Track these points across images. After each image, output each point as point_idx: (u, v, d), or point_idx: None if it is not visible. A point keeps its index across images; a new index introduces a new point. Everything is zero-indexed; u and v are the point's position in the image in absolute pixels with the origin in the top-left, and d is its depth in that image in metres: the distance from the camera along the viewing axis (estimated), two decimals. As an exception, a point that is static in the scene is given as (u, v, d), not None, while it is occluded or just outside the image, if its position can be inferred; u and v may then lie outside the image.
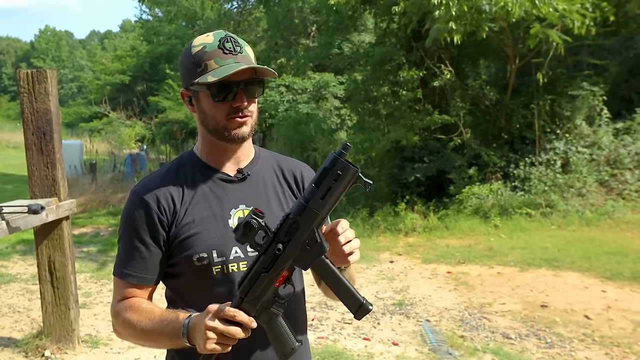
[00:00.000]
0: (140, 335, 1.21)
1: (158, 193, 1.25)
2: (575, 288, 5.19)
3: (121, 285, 1.26)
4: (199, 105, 1.24)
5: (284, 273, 1.10)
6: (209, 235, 1.22)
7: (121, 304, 1.25)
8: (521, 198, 8.17)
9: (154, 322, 1.18)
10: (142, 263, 1.24)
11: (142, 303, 1.24)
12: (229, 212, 1.26)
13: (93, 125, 25.98)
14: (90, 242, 7.57)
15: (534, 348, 3.89)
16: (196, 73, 1.19)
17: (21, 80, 3.66)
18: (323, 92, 13.66)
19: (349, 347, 3.91)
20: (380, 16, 9.98)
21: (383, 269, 6.12)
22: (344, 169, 1.01)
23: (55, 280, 3.74)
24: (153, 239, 1.23)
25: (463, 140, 8.96)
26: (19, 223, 3.19)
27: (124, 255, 1.26)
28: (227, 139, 1.23)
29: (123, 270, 1.25)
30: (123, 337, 1.29)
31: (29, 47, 60.65)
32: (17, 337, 4.02)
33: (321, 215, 1.05)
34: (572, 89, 9.02)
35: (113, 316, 1.27)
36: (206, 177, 1.28)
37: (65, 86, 49.78)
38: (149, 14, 25.22)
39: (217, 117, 1.21)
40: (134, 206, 1.26)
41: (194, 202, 1.25)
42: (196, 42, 1.22)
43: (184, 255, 1.22)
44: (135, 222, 1.24)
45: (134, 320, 1.21)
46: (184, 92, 1.26)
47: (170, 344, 1.18)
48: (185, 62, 1.23)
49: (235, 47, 1.20)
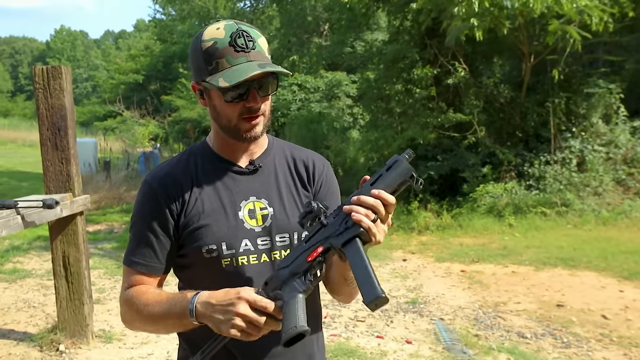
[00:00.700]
0: (149, 320, 1.18)
1: (168, 182, 1.23)
2: (592, 288, 5.11)
3: (130, 273, 1.24)
4: (211, 102, 1.21)
5: (318, 248, 1.10)
6: (218, 227, 1.20)
7: (129, 291, 1.23)
8: (536, 197, 8.08)
9: (162, 305, 1.15)
10: (151, 251, 1.22)
11: (149, 289, 1.22)
12: (239, 204, 1.23)
13: (107, 124, 26.17)
14: (105, 239, 7.62)
15: (550, 348, 3.83)
16: (207, 71, 1.15)
17: (36, 77, 3.68)
18: (335, 90, 13.64)
19: (362, 344, 3.88)
20: (394, 14, 9.93)
21: (396, 267, 6.08)
22: (397, 162, 1.07)
23: (69, 275, 3.76)
24: (162, 227, 1.21)
25: (477, 139, 8.88)
26: (33, 217, 3.21)
27: (134, 243, 1.24)
28: (239, 138, 1.21)
29: (132, 258, 1.24)
30: (131, 324, 1.26)
31: (44, 47, 61.43)
32: (32, 331, 4.04)
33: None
34: (588, 87, 8.90)
35: (122, 304, 1.25)
36: (217, 168, 1.26)
37: (80, 85, 50.33)
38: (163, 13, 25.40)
39: (229, 116, 1.18)
40: (144, 195, 1.24)
41: (204, 193, 1.23)
42: (206, 35, 1.16)
43: (194, 246, 1.21)
44: (145, 210, 1.23)
45: (142, 305, 1.18)
46: (195, 85, 1.22)
47: (179, 325, 1.14)
48: (196, 57, 1.18)
49: (247, 42, 1.14)
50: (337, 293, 1.29)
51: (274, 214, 1.24)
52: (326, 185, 1.34)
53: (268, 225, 1.23)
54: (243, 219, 1.22)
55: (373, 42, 12.48)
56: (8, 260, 6.22)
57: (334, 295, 1.32)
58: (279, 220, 1.24)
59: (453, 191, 8.86)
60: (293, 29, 14.14)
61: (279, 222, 1.24)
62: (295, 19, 13.91)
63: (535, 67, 8.86)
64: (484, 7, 6.68)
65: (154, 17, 27.89)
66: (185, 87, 21.25)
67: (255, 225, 1.23)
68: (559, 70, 7.90)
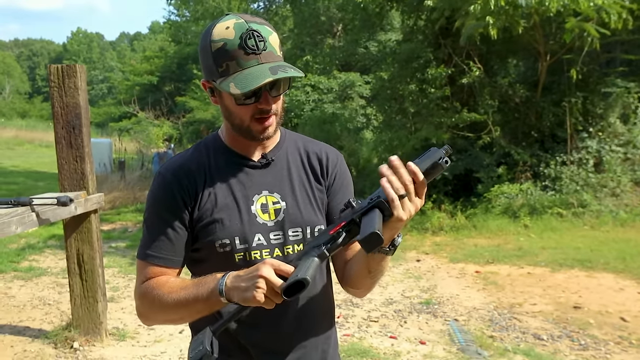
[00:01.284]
0: (172, 308, 1.15)
1: (182, 174, 1.21)
2: (610, 289, 5.02)
3: (146, 267, 1.21)
4: (222, 101, 1.19)
5: (342, 223, 1.10)
6: (231, 222, 1.19)
7: (147, 283, 1.20)
8: (552, 197, 7.97)
9: (188, 289, 1.12)
10: (168, 244, 1.20)
11: (170, 278, 1.20)
12: (251, 199, 1.22)
13: (122, 124, 26.43)
14: (119, 238, 7.67)
15: (567, 350, 3.76)
16: (217, 72, 1.13)
17: (52, 75, 3.71)
18: (349, 91, 13.59)
19: (375, 345, 3.85)
20: (408, 13, 9.87)
21: (409, 268, 6.03)
22: (431, 151, 1.09)
23: (83, 273, 3.78)
24: (178, 219, 1.20)
25: (492, 139, 8.79)
26: (48, 215, 3.23)
27: (149, 237, 1.22)
28: (252, 138, 1.20)
29: (148, 252, 1.21)
30: (149, 317, 1.23)
31: (61, 49, 62.22)
32: (47, 328, 4.08)
33: None
34: (605, 86, 8.76)
35: (138, 298, 1.22)
36: (230, 162, 1.24)
37: (95, 87, 50.86)
38: (177, 14, 25.59)
39: (241, 117, 1.17)
40: (159, 187, 1.23)
41: (217, 187, 1.21)
42: (216, 35, 1.12)
43: (207, 240, 1.19)
44: (160, 203, 1.21)
45: (165, 293, 1.15)
46: (205, 83, 1.20)
47: (205, 307, 1.11)
48: (205, 57, 1.15)
49: (258, 43, 1.10)
50: (356, 286, 1.28)
51: (286, 208, 1.23)
52: (340, 178, 1.32)
53: (281, 220, 1.22)
54: (256, 214, 1.21)
55: (386, 42, 12.43)
56: (24, 258, 6.29)
57: (351, 289, 1.30)
58: (291, 215, 1.23)
59: (467, 192, 8.78)
60: (306, 29, 14.13)
61: (291, 217, 1.23)
62: (309, 19, 13.90)
63: (551, 66, 8.74)
64: (500, 5, 6.61)
65: (169, 18, 28.17)
66: (199, 88, 21.38)
67: (267, 220, 1.21)
68: (576, 69, 7.78)
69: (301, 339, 1.25)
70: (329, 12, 14.14)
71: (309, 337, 1.26)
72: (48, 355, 3.61)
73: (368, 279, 1.22)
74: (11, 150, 22.70)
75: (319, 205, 1.27)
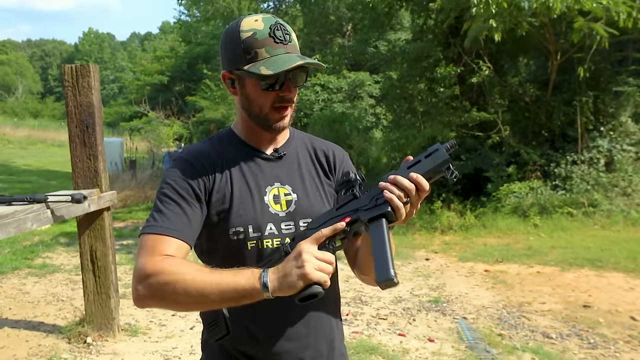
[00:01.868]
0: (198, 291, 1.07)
1: (201, 158, 1.24)
2: (620, 289, 5.00)
3: (161, 241, 1.14)
4: (243, 90, 1.23)
5: (346, 218, 1.14)
6: (245, 210, 1.22)
7: (165, 259, 1.11)
8: (562, 197, 7.94)
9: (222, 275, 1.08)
10: (185, 220, 1.17)
11: (190, 262, 1.13)
12: (264, 189, 1.26)
13: (133, 124, 26.60)
14: (130, 236, 7.75)
15: (576, 348, 3.76)
16: (245, 60, 1.18)
17: (66, 75, 3.77)
18: (358, 91, 13.62)
19: (383, 342, 3.87)
20: (417, 12, 9.87)
21: (419, 267, 6.05)
22: (437, 151, 1.10)
23: (96, 269, 3.84)
24: (196, 198, 1.20)
25: (502, 138, 8.77)
26: (62, 212, 3.29)
27: (166, 212, 1.17)
28: (267, 127, 1.25)
29: (165, 225, 1.15)
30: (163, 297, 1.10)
31: (73, 49, 62.74)
32: (60, 324, 4.14)
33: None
34: (616, 85, 8.72)
35: (152, 274, 1.09)
36: (244, 153, 1.29)
37: (107, 87, 51.23)
38: (188, 14, 25.72)
39: (262, 104, 1.22)
40: (179, 167, 1.22)
41: (232, 175, 1.24)
42: (245, 26, 1.20)
43: (220, 227, 1.21)
44: (178, 180, 1.21)
45: (190, 274, 1.07)
46: (226, 74, 1.25)
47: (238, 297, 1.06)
48: (232, 46, 1.21)
49: (285, 35, 1.19)
50: (366, 272, 1.31)
51: (297, 200, 1.27)
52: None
53: (292, 211, 1.26)
54: (268, 204, 1.24)
55: (396, 41, 12.43)
56: (38, 255, 6.39)
57: (361, 275, 1.34)
58: (302, 206, 1.27)
59: (477, 191, 8.77)
60: (316, 28, 14.18)
61: (302, 208, 1.27)
62: (318, 19, 13.94)
63: (562, 65, 8.71)
64: (502, 7, 6.60)
65: (179, 18, 28.29)
66: (209, 87, 21.50)
67: (279, 210, 1.25)
68: (584, 68, 7.74)
69: (310, 326, 1.27)
70: (339, 12, 14.17)
71: (317, 325, 1.29)
72: (62, 349, 3.68)
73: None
74: (24, 150, 22.97)
75: (328, 199, 1.32)
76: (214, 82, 21.40)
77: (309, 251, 1.06)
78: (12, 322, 4.21)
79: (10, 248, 6.55)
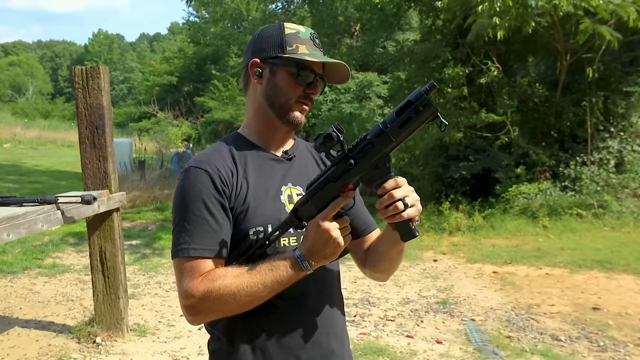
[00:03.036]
0: (246, 291, 1.14)
1: (217, 164, 1.23)
2: (630, 291, 4.97)
3: (196, 264, 1.17)
4: (273, 78, 1.26)
5: (349, 185, 1.15)
6: (264, 209, 1.24)
7: (206, 277, 1.16)
8: (571, 198, 7.89)
9: (261, 273, 1.15)
10: (214, 237, 1.18)
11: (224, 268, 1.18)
12: (280, 189, 1.28)
13: (142, 124, 26.76)
14: (139, 236, 7.80)
15: (585, 351, 3.74)
16: (286, 50, 1.24)
17: (76, 77, 3.81)
18: (366, 91, 13.59)
19: (391, 343, 3.87)
20: (425, 13, 9.84)
21: (426, 268, 6.03)
22: (426, 105, 1.06)
23: (106, 269, 3.87)
24: (222, 208, 1.20)
25: (510, 139, 8.72)
26: (72, 213, 3.32)
27: (193, 231, 1.18)
28: (286, 119, 1.27)
29: (196, 247, 1.17)
30: (217, 309, 1.17)
31: (83, 50, 63.16)
32: (70, 324, 4.18)
33: (395, 141, 1.10)
34: (627, 86, 8.64)
35: (201, 296, 1.15)
36: (255, 155, 1.30)
37: (116, 87, 51.52)
38: (196, 15, 25.82)
39: (289, 94, 1.25)
40: (195, 179, 1.20)
41: (248, 176, 1.25)
42: (288, 26, 1.28)
43: (241, 228, 1.22)
44: (200, 194, 1.19)
45: (233, 280, 1.14)
46: (257, 61, 1.27)
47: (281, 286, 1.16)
48: (272, 38, 1.26)
49: (320, 44, 1.29)
50: (379, 271, 1.35)
51: None
52: None
53: None
54: (284, 203, 1.27)
55: (404, 42, 12.40)
56: (48, 255, 6.44)
57: (374, 273, 1.37)
58: None
59: (485, 192, 8.73)
60: (324, 29, 14.16)
61: None
62: (327, 20, 13.94)
63: (572, 65, 8.64)
64: (507, 5, 6.56)
65: (188, 19, 28.43)
66: (218, 88, 21.56)
67: None
68: (593, 68, 7.68)
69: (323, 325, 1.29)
70: (347, 12, 14.16)
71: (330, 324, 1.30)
72: (72, 349, 3.71)
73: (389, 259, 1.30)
74: (34, 150, 23.15)
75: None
76: (222, 83, 21.46)
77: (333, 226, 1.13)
78: (22, 321, 4.25)
79: (20, 248, 6.62)
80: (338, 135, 1.11)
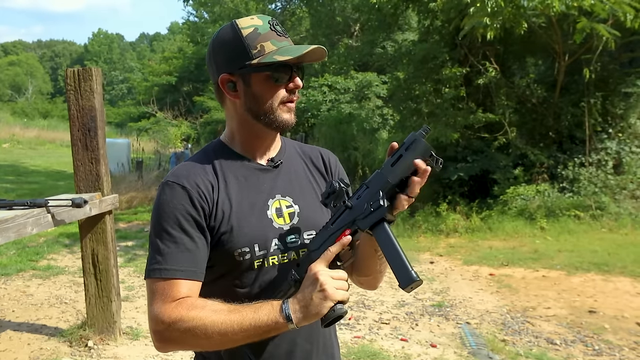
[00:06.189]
0: (219, 332, 1.05)
1: (196, 180, 1.15)
2: (627, 294, 4.94)
3: (171, 285, 1.10)
4: (249, 89, 1.16)
5: (345, 231, 1.12)
6: (249, 228, 1.16)
7: (181, 304, 1.08)
8: (569, 200, 7.87)
9: (241, 313, 1.06)
10: (189, 256, 1.11)
11: (205, 300, 1.10)
12: (266, 203, 1.20)
13: (141, 124, 26.73)
14: (135, 237, 7.77)
15: (580, 355, 3.72)
16: (251, 55, 1.13)
17: (68, 79, 3.78)
18: (365, 91, 13.58)
19: (385, 347, 3.85)
20: (424, 13, 9.82)
21: (423, 270, 6.01)
22: (416, 142, 1.09)
23: (98, 272, 3.85)
24: (198, 227, 1.13)
25: (508, 140, 8.70)
26: (63, 216, 3.29)
27: (167, 250, 1.11)
28: (275, 126, 1.18)
29: (170, 267, 1.10)
30: (184, 342, 1.09)
31: (83, 50, 63.18)
32: (63, 327, 4.15)
33: (388, 179, 1.10)
34: (625, 86, 8.61)
35: (171, 322, 1.07)
36: (239, 166, 1.22)
37: (115, 87, 51.54)
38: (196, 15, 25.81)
39: (271, 99, 1.16)
40: (172, 195, 1.14)
41: (230, 192, 1.17)
42: (243, 24, 1.15)
43: (224, 249, 1.14)
44: (175, 212, 1.12)
45: (209, 316, 1.06)
46: (226, 77, 1.17)
47: (260, 333, 1.06)
48: (232, 46, 1.15)
49: (282, 30, 1.18)
50: (365, 273, 1.29)
51: (300, 211, 1.23)
52: (340, 176, 1.36)
53: (296, 223, 1.21)
54: (272, 218, 1.19)
55: (403, 42, 12.38)
56: (43, 257, 6.42)
57: (360, 278, 1.32)
58: (305, 218, 1.23)
59: (483, 193, 8.71)
60: (322, 29, 14.16)
61: (305, 220, 1.23)
62: (325, 20, 13.92)
63: (570, 66, 8.62)
64: (499, 6, 6.53)
65: (187, 19, 28.43)
66: (217, 88, 21.52)
67: (283, 224, 1.20)
68: (590, 69, 7.65)
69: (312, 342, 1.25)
70: (345, 13, 14.13)
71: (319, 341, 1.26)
72: (63, 353, 3.68)
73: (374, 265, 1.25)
74: (33, 150, 23.13)
75: None
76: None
77: (324, 272, 1.05)
78: (15, 324, 4.23)
79: (15, 249, 6.59)
80: (340, 186, 1.15)
